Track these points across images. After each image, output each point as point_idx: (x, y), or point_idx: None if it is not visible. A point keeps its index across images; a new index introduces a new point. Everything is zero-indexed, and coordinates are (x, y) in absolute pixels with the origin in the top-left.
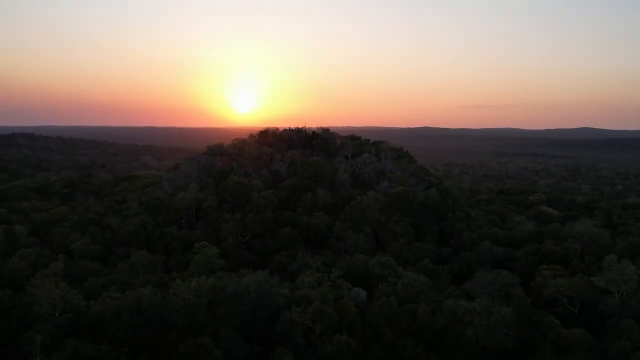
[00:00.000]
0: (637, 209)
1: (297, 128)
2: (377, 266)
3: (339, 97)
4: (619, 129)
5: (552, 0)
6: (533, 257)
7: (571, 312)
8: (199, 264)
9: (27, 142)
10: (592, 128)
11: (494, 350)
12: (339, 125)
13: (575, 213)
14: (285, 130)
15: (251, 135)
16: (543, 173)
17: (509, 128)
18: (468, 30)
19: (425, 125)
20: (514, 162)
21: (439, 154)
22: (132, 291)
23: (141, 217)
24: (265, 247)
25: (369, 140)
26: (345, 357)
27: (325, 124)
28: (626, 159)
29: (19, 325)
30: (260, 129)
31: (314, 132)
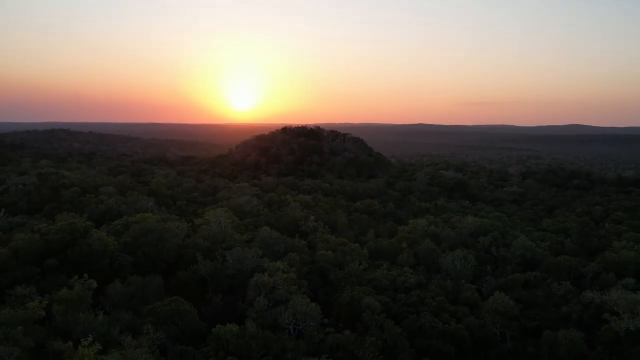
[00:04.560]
0: (492, 173)
1: (302, 126)
2: (336, 180)
3: (338, 95)
4: (608, 126)
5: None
6: (402, 179)
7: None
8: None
9: (68, 136)
10: (581, 125)
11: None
12: (337, 122)
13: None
14: (295, 127)
15: (277, 130)
16: (496, 161)
17: (502, 125)
18: (463, 30)
19: (420, 122)
20: (482, 154)
21: (425, 148)
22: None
23: (232, 167)
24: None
25: (340, 132)
26: (320, 196)
27: (324, 121)
28: (604, 153)
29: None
30: (261, 126)
31: (311, 128)
